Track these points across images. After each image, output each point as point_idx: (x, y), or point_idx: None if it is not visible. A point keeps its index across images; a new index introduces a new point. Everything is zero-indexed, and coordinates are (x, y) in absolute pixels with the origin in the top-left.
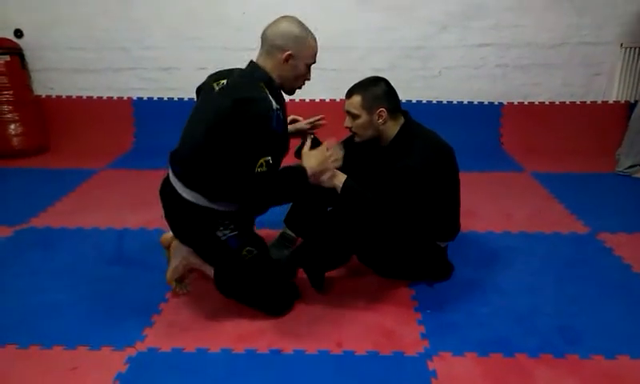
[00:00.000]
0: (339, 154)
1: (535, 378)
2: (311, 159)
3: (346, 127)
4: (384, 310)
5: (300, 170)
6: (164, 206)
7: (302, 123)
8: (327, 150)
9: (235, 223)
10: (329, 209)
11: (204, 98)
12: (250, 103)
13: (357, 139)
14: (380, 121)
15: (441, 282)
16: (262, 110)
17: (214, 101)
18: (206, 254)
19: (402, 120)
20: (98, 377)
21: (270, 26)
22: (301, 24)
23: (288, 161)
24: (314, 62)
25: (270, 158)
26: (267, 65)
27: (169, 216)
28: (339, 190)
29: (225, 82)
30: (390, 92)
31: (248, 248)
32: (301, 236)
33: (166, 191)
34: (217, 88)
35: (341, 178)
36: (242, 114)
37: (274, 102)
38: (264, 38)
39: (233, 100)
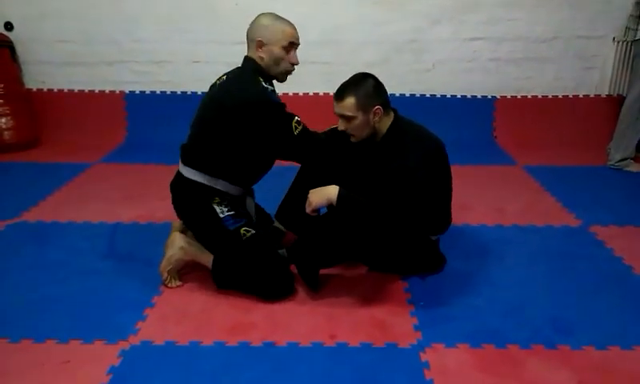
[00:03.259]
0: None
1: (527, 368)
2: None
3: (341, 130)
4: (377, 303)
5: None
6: (172, 193)
7: None
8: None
9: (230, 203)
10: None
11: (208, 94)
12: (247, 92)
13: (353, 140)
14: (376, 118)
15: (433, 275)
16: (259, 94)
17: (215, 96)
18: (205, 233)
19: (392, 115)
20: (90, 371)
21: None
22: (272, 15)
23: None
24: (294, 43)
25: (297, 117)
26: (253, 57)
27: (174, 199)
28: (334, 202)
29: (225, 77)
30: (380, 87)
31: (245, 228)
32: (292, 230)
33: (174, 180)
34: (218, 83)
35: (333, 191)
36: (242, 104)
37: (264, 84)
38: (246, 36)
39: (233, 95)
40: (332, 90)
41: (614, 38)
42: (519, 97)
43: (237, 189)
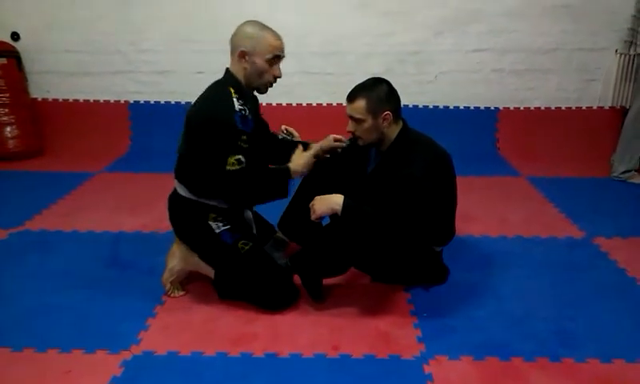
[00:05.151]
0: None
1: (531, 381)
2: (299, 159)
3: (349, 132)
4: (380, 314)
5: (282, 169)
6: (168, 210)
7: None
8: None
9: (225, 218)
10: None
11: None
12: (210, 109)
13: (360, 143)
14: (385, 124)
15: (437, 286)
16: (221, 113)
17: (189, 110)
18: (203, 249)
19: (401, 124)
20: (92, 380)
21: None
22: (257, 24)
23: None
24: (279, 56)
25: (240, 156)
26: (234, 68)
27: (170, 216)
28: (339, 212)
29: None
30: (392, 93)
31: (243, 241)
32: (294, 240)
33: (171, 196)
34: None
35: (338, 200)
36: (203, 120)
37: (236, 104)
38: (230, 43)
39: (197, 108)
40: (334, 101)
41: (616, 50)
42: (522, 108)
43: None
